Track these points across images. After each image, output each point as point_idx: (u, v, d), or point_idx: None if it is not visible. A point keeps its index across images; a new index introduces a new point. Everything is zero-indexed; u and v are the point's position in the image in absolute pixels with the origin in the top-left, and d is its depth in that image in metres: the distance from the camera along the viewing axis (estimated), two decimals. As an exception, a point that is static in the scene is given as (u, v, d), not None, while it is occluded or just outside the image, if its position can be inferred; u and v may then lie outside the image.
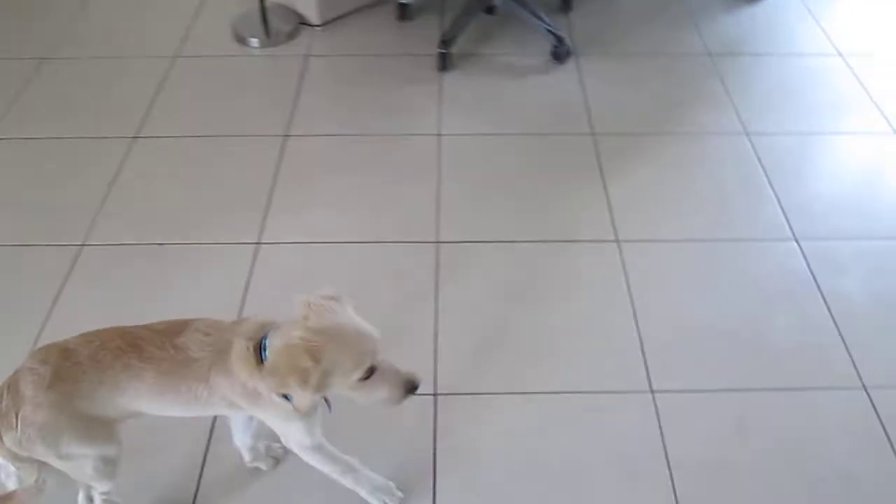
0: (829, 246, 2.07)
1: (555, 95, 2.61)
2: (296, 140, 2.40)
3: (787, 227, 2.12)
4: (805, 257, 2.03)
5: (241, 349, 1.20)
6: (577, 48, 2.80)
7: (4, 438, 1.21)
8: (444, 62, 2.69)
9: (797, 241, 2.07)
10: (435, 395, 1.69)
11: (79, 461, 1.30)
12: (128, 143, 2.37)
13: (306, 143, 2.39)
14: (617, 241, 2.07)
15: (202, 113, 2.51)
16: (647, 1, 3.13)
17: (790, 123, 2.50)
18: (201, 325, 1.26)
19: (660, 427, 1.64)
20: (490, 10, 2.87)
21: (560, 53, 2.73)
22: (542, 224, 2.12)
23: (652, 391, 1.71)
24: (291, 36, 2.87)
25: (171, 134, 2.42)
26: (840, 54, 2.81)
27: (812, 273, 1.99)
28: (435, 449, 1.60)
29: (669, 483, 1.55)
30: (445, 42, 2.69)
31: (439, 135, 2.42)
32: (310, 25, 2.92)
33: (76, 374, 1.22)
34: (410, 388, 1.23)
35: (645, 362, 1.77)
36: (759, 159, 2.34)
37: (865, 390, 1.72)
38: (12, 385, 1.21)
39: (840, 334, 1.84)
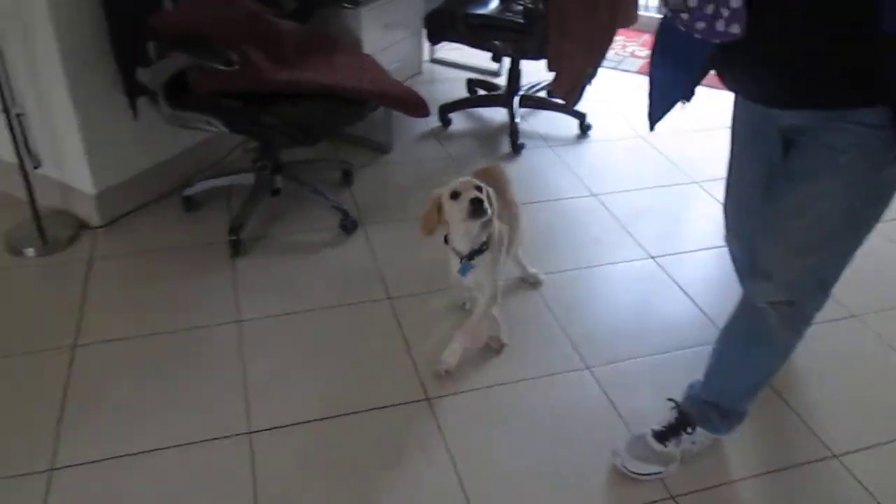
0: (617, 368, 2.27)
1: (349, 266, 2.71)
2: (85, 349, 2.28)
3: (577, 357, 2.30)
4: (598, 382, 2.21)
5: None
6: (362, 219, 2.96)
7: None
8: (236, 248, 2.72)
9: (589, 370, 2.26)
10: None
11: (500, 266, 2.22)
12: None
13: (98, 351, 2.28)
14: (427, 399, 2.14)
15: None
16: (416, 171, 3.41)
17: (564, 261, 2.77)
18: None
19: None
20: (276, 192, 2.98)
21: (347, 225, 2.87)
22: (355, 395, 2.15)
23: (484, 545, 1.74)
24: (71, 241, 2.78)
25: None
26: (594, 194, 3.20)
27: (608, 396, 2.16)
28: None
29: None
30: (235, 229, 2.73)
31: (239, 321, 2.41)
32: (91, 228, 2.85)
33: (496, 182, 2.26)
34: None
35: (473, 517, 1.81)
36: (542, 297, 2.56)
37: (672, 496, 1.86)
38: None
39: (641, 451, 1.99)
